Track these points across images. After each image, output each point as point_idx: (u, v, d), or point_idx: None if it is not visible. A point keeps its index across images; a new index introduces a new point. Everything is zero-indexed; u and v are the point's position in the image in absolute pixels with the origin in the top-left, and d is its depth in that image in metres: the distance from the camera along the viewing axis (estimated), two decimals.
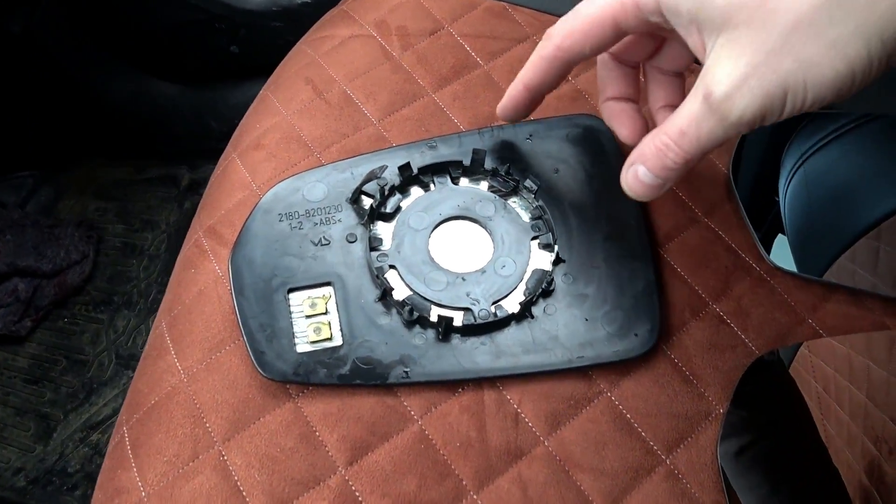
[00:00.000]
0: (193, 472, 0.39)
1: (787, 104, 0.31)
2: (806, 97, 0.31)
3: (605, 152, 0.47)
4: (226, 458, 0.39)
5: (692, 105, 0.33)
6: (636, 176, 0.37)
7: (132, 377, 0.45)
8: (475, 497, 0.38)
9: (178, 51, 0.94)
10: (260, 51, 0.76)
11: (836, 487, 0.40)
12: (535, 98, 0.42)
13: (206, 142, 0.88)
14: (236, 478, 0.38)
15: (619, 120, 0.41)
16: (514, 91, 0.42)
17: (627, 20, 0.36)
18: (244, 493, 0.38)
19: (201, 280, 0.45)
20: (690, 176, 0.49)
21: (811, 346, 0.43)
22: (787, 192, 0.50)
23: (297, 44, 0.59)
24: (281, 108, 0.52)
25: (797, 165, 0.51)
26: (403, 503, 0.38)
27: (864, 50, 0.29)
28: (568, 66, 0.39)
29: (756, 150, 0.51)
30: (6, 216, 1.00)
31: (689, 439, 0.40)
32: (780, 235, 0.48)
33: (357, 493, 0.38)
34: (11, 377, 0.93)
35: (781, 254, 0.46)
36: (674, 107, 0.37)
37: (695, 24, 0.32)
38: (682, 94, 0.40)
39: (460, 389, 0.41)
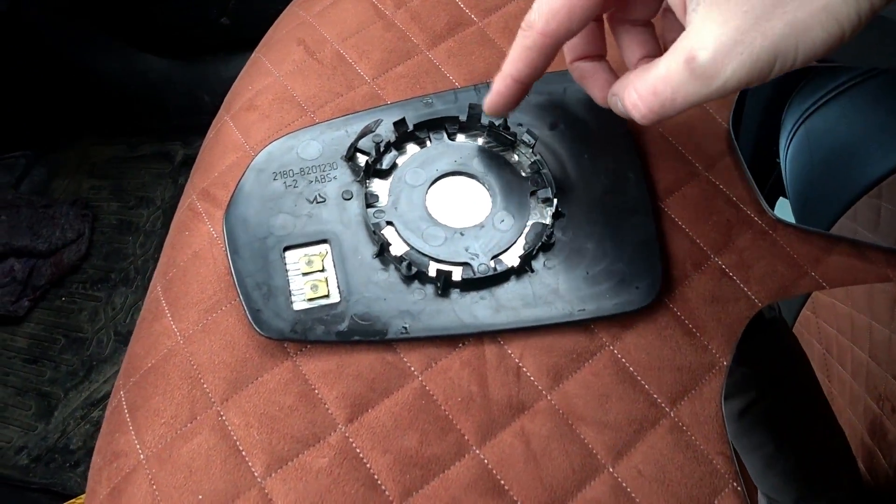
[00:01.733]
0: (192, 432, 0.38)
1: (776, 68, 0.30)
2: (796, 60, 0.30)
3: (602, 107, 0.46)
4: (224, 418, 0.38)
5: (670, 66, 0.31)
6: (627, 103, 0.35)
7: None
8: (478, 451, 0.38)
9: (168, 24, 0.93)
10: (251, 22, 0.75)
11: (839, 444, 0.39)
12: (524, 88, 0.40)
13: (200, 117, 0.87)
14: (235, 437, 0.38)
15: (592, 81, 0.40)
16: (503, 86, 0.39)
17: None
18: (243, 452, 0.37)
19: (196, 242, 0.44)
20: (690, 130, 0.49)
21: (813, 306, 0.43)
22: (789, 151, 0.49)
23: (289, 6, 0.58)
24: (273, 70, 0.51)
25: (798, 125, 0.50)
26: (405, 459, 0.37)
27: (853, 10, 0.29)
28: (556, 49, 0.37)
29: (757, 109, 0.50)
30: (0, 197, 0.99)
31: (693, 392, 0.40)
32: (781, 198, 0.47)
33: (358, 450, 0.37)
34: (11, 357, 0.93)
35: (784, 213, 0.46)
36: (653, 57, 0.37)
37: None
38: (657, 42, 0.39)
39: (461, 344, 0.40)
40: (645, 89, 0.32)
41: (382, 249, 0.41)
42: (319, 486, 0.36)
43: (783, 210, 0.46)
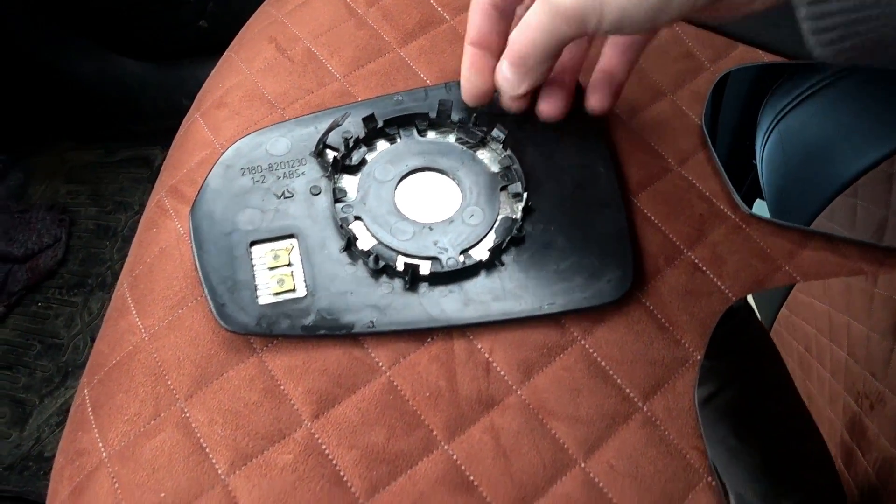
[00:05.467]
0: (155, 430, 0.37)
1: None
2: None
3: (573, 104, 0.46)
4: (188, 414, 0.38)
5: (535, 7, 0.34)
6: (500, 71, 0.38)
7: None
8: (446, 447, 0.37)
9: (145, 27, 0.92)
10: (229, 25, 0.74)
11: (813, 440, 0.39)
12: (491, 60, 0.41)
13: (178, 120, 0.86)
14: (199, 434, 0.37)
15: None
16: (468, 59, 0.41)
17: None
18: (207, 449, 0.37)
19: (163, 239, 0.43)
20: (662, 126, 0.48)
21: (792, 304, 0.43)
22: (765, 151, 0.49)
23: (262, 5, 0.58)
24: (244, 67, 0.51)
25: (773, 124, 0.50)
26: (372, 455, 0.36)
27: None
28: (509, 15, 0.39)
29: (733, 108, 0.50)
30: None
31: (666, 386, 0.39)
32: (758, 200, 0.47)
33: (323, 446, 0.37)
34: None
35: (761, 214, 0.46)
36: None
37: None
38: None
39: (429, 339, 0.39)
40: (519, 42, 0.36)
41: (350, 244, 0.40)
42: (284, 483, 0.36)
43: (760, 211, 0.45)
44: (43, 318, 0.94)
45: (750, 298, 0.42)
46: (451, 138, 0.45)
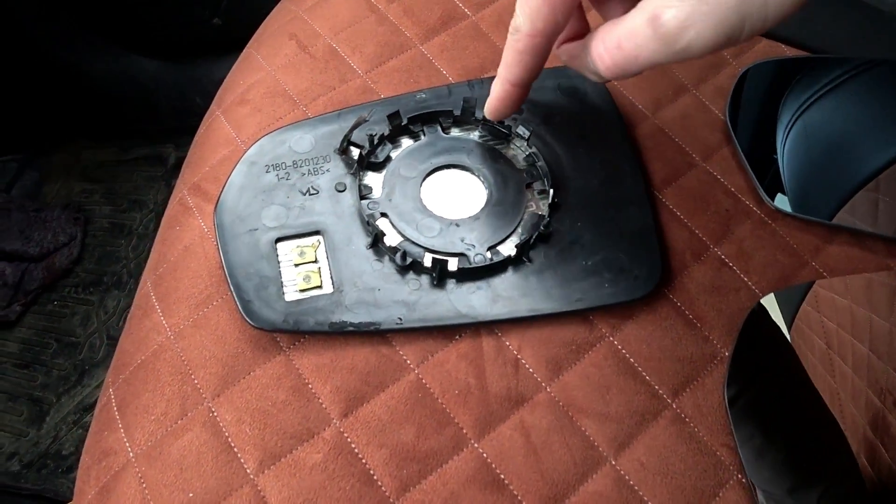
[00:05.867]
0: (182, 429, 0.37)
1: (744, 32, 0.29)
2: (766, 20, 0.29)
3: (596, 101, 0.46)
4: (215, 414, 0.37)
5: (636, 23, 0.30)
6: (586, 70, 0.35)
7: None
8: (476, 445, 0.37)
9: (159, 25, 0.92)
10: (243, 22, 0.74)
11: (838, 437, 0.39)
12: (524, 91, 0.38)
13: (192, 119, 0.86)
14: (227, 433, 0.37)
15: (581, 60, 0.36)
16: (502, 91, 0.38)
17: None
18: (235, 449, 0.36)
19: (186, 237, 0.43)
20: (686, 122, 0.48)
21: (814, 300, 0.42)
22: (786, 145, 0.49)
23: (281, 2, 0.57)
24: (265, 64, 0.50)
25: (794, 118, 0.49)
26: (401, 453, 0.36)
27: None
28: (549, 47, 0.36)
29: (754, 102, 0.50)
30: None
31: (695, 383, 0.39)
32: (779, 194, 0.47)
33: (353, 445, 0.36)
34: (2, 362, 0.91)
35: (782, 208, 0.45)
36: None
37: None
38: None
39: (457, 336, 0.39)
40: (611, 42, 0.31)
41: (376, 240, 0.40)
42: (314, 482, 0.35)
43: (782, 205, 0.45)
44: (59, 317, 0.94)
45: (773, 297, 0.42)
46: (475, 135, 0.45)
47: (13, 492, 0.82)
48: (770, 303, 0.42)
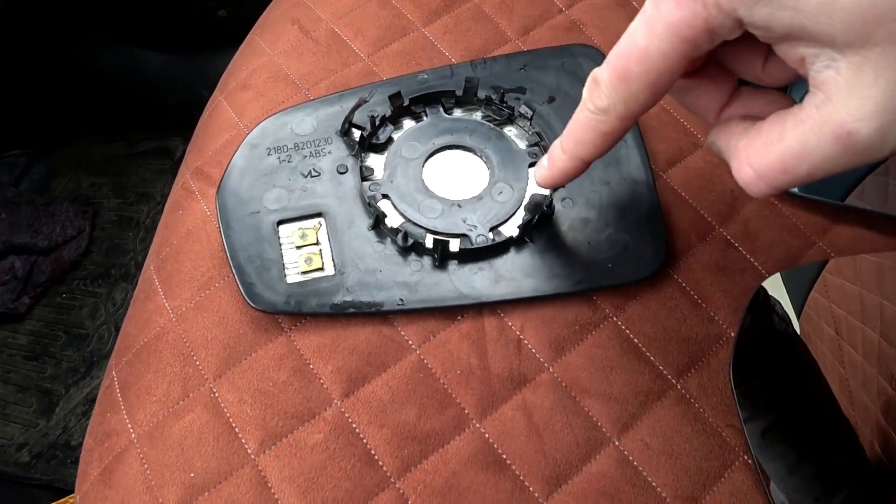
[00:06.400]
0: (184, 410, 0.37)
1: None
2: None
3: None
4: (217, 394, 0.37)
5: (811, 141, 0.25)
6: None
7: None
8: (478, 425, 0.36)
9: (165, 18, 0.92)
10: (249, 14, 0.74)
11: (846, 421, 0.38)
12: (589, 165, 0.34)
13: (199, 111, 0.86)
14: (228, 414, 0.37)
15: (696, 98, 0.31)
16: (569, 165, 0.33)
17: (698, 49, 0.27)
18: (237, 429, 0.36)
19: (189, 220, 0.43)
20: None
21: (822, 288, 0.42)
22: None
23: None
24: (267, 49, 0.50)
25: (801, 99, 0.49)
26: (403, 433, 0.36)
27: None
28: (630, 126, 0.31)
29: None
30: (0, 195, 0.98)
31: (700, 363, 0.39)
32: None
33: (354, 425, 0.36)
34: (12, 354, 0.92)
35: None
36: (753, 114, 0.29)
37: (802, 40, 0.25)
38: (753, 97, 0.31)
39: (459, 317, 0.39)
40: (767, 166, 0.26)
41: (378, 221, 0.40)
42: (314, 462, 0.35)
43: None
44: (68, 309, 0.94)
45: (780, 278, 0.41)
46: (478, 116, 0.44)
47: (23, 482, 0.82)
48: (776, 284, 0.41)
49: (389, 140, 0.43)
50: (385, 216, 0.40)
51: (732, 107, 0.30)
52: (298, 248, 0.39)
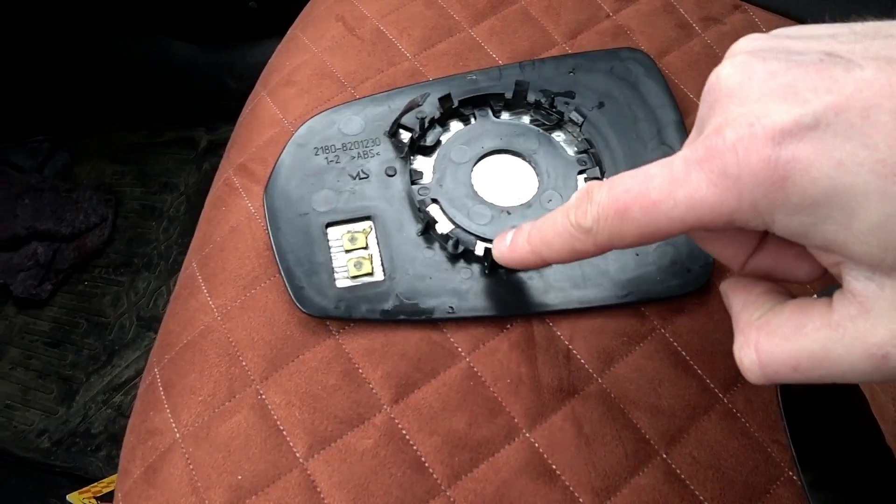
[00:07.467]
0: (230, 411, 0.37)
1: None
2: None
3: (650, 86, 0.45)
4: (264, 396, 0.37)
5: (836, 349, 0.23)
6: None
7: (153, 339, 0.43)
8: (528, 435, 0.36)
9: (194, 8, 0.92)
10: (279, 6, 0.73)
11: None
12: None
13: (225, 102, 0.86)
14: (275, 416, 0.37)
15: (715, 245, 0.29)
16: (530, 259, 0.32)
17: (710, 228, 0.25)
18: (284, 432, 0.36)
19: (233, 217, 0.43)
20: None
21: None
22: None
23: None
24: (311, 46, 0.50)
25: None
26: (453, 441, 0.36)
27: None
28: (604, 252, 0.29)
29: None
30: (24, 180, 0.98)
31: None
32: None
33: (404, 431, 0.36)
34: (33, 340, 0.92)
35: None
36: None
37: (837, 254, 0.23)
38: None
39: (508, 326, 0.39)
40: (776, 359, 0.24)
41: (428, 227, 0.39)
42: (364, 468, 0.35)
43: None
44: (90, 297, 0.94)
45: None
46: (527, 119, 0.44)
47: (43, 468, 0.82)
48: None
49: (437, 143, 0.43)
50: (435, 222, 0.39)
51: (758, 256, 0.28)
52: (347, 251, 0.39)
